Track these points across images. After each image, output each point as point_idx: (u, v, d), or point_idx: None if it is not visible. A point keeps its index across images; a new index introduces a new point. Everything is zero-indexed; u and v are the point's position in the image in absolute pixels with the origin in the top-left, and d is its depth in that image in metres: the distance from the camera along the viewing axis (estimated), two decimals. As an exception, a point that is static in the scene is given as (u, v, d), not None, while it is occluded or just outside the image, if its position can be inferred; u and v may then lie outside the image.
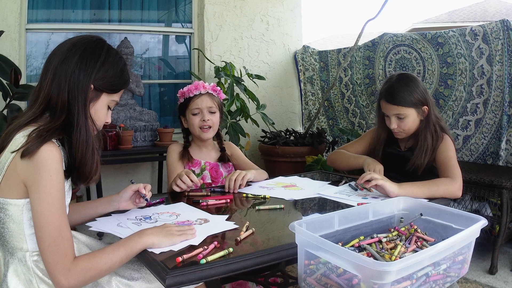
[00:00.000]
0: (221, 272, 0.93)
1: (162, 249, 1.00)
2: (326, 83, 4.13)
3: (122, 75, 1.11)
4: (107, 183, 3.18)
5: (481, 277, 2.31)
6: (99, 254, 0.97)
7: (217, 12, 3.83)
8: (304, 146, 3.44)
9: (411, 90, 1.68)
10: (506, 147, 2.73)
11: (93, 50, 1.06)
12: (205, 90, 1.83)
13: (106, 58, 1.07)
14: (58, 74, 1.02)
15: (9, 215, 0.99)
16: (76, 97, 1.02)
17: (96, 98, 1.08)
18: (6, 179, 0.98)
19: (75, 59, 1.03)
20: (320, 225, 1.05)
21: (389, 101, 1.70)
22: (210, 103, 1.82)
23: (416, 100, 1.68)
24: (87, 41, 1.07)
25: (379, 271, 0.80)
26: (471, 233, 0.99)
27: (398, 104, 1.68)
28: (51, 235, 0.93)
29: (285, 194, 1.56)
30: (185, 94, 1.84)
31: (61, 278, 0.91)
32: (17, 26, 3.15)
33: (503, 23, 2.64)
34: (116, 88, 1.11)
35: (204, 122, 1.80)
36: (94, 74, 1.04)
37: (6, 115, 2.44)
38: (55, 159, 0.95)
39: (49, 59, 1.05)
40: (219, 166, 1.88)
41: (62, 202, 0.97)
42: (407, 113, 1.69)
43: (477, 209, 2.54)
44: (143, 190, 1.28)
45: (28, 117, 1.02)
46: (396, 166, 1.78)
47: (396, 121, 1.71)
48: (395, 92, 1.69)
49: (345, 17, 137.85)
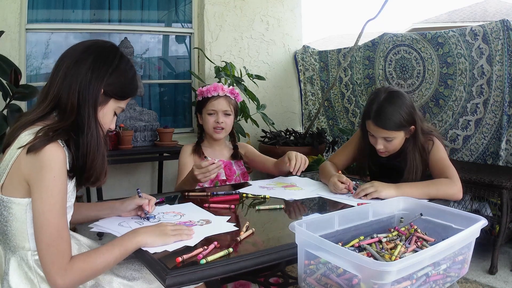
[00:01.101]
0: (221, 272, 0.93)
1: (156, 248, 1.00)
2: (326, 83, 4.13)
3: (132, 83, 1.13)
4: (107, 183, 3.14)
5: (481, 277, 2.31)
6: (94, 254, 0.98)
7: (217, 12, 3.83)
8: (304, 146, 3.44)
9: (400, 110, 1.59)
10: (506, 147, 2.74)
11: (106, 55, 1.07)
12: (223, 92, 1.88)
13: (119, 65, 1.08)
14: (69, 75, 1.03)
15: (13, 213, 0.99)
16: (87, 100, 1.03)
17: (105, 103, 1.09)
18: (10, 177, 0.98)
19: (89, 62, 1.04)
20: (320, 225, 1.05)
21: (377, 124, 1.61)
22: (226, 106, 1.88)
23: (405, 121, 1.60)
24: (101, 46, 1.09)
25: (379, 271, 0.80)
26: (471, 233, 0.99)
27: (388, 128, 1.60)
28: (50, 235, 0.93)
29: (285, 194, 1.56)
30: (203, 94, 1.90)
31: (57, 278, 0.92)
32: (17, 26, 3.14)
33: (503, 23, 2.64)
34: (125, 95, 1.12)
35: (218, 124, 1.87)
36: (106, 79, 1.05)
37: (6, 115, 2.44)
38: (59, 160, 0.95)
39: (61, 59, 1.06)
40: (232, 164, 1.92)
41: (63, 203, 0.97)
42: (396, 136, 1.63)
43: (477, 209, 2.54)
44: (147, 207, 1.27)
45: (36, 114, 1.03)
46: (385, 173, 1.75)
47: (383, 143, 1.65)
48: (384, 115, 1.59)
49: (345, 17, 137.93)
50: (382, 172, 1.79)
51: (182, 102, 4.05)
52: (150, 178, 3.70)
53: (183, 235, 1.06)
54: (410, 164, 1.66)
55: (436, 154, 1.65)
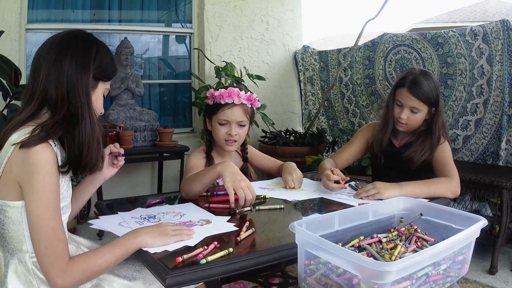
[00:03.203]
0: (221, 272, 0.93)
1: (156, 248, 1.00)
2: (326, 83, 4.13)
3: (113, 63, 1.14)
4: (107, 183, 3.15)
5: (481, 277, 2.31)
6: (94, 255, 0.98)
7: (217, 12, 3.83)
8: (304, 146, 3.44)
9: (432, 86, 1.69)
10: (506, 147, 2.74)
11: (85, 44, 1.07)
12: (239, 100, 1.63)
13: (98, 49, 1.09)
14: (53, 71, 1.02)
15: (9, 216, 0.99)
16: (77, 89, 1.03)
17: (95, 87, 1.09)
18: (3, 180, 0.98)
19: (69, 54, 1.03)
20: (320, 225, 1.05)
21: (411, 91, 1.68)
22: (242, 117, 1.65)
23: (433, 98, 1.69)
24: (73, 35, 1.08)
25: (379, 271, 0.80)
26: (471, 233, 0.99)
27: (419, 97, 1.67)
28: (46, 237, 0.93)
29: (287, 195, 1.56)
30: (215, 98, 1.65)
31: (57, 279, 0.92)
32: (17, 26, 3.14)
33: (503, 23, 2.64)
34: (110, 75, 1.14)
35: (231, 136, 1.64)
36: (92, 64, 1.06)
37: (6, 115, 2.44)
38: (48, 160, 0.95)
39: (38, 58, 1.05)
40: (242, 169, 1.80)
41: (57, 204, 0.97)
42: (422, 109, 1.69)
43: (477, 209, 2.54)
44: (115, 148, 1.29)
45: (25, 114, 1.02)
46: (392, 163, 1.79)
47: (408, 113, 1.71)
48: (420, 85, 1.68)
49: (345, 17, 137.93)
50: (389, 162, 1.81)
51: (182, 102, 4.05)
52: (150, 178, 3.70)
53: (183, 235, 1.06)
54: (420, 143, 1.71)
55: (443, 151, 1.69)
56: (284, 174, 1.69)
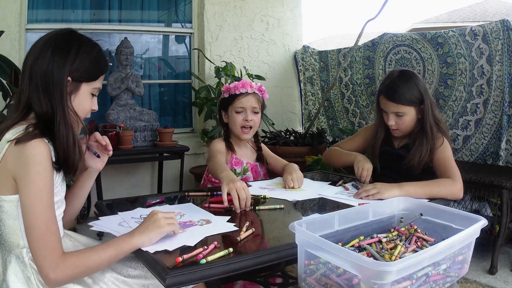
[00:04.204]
0: (221, 272, 0.93)
1: (156, 247, 1.00)
2: (326, 83, 4.13)
3: (98, 62, 1.10)
4: (107, 183, 3.18)
5: (481, 277, 2.31)
6: (88, 251, 0.99)
7: (217, 12, 3.83)
8: (304, 146, 3.44)
9: (411, 87, 1.66)
10: (506, 147, 2.74)
11: (64, 44, 1.05)
12: (252, 89, 1.83)
13: (79, 48, 1.06)
14: (34, 74, 1.02)
15: (5, 211, 1.00)
16: (53, 93, 1.02)
17: (76, 90, 1.08)
18: None
19: (48, 55, 1.02)
20: (320, 225, 1.05)
21: (388, 98, 1.68)
22: (255, 103, 1.83)
23: (415, 98, 1.66)
24: (57, 35, 1.07)
25: (379, 271, 0.80)
26: (471, 233, 0.99)
27: (397, 102, 1.66)
28: (39, 229, 0.94)
29: (287, 195, 1.56)
30: (230, 90, 1.84)
31: (49, 272, 0.92)
32: (17, 26, 3.14)
33: (503, 23, 2.64)
34: (94, 75, 1.10)
35: (247, 122, 1.81)
36: (69, 66, 1.04)
37: (6, 115, 2.44)
38: (43, 154, 0.96)
39: (25, 60, 1.05)
40: (257, 166, 1.91)
41: (50, 197, 0.98)
42: (406, 111, 1.67)
43: (477, 209, 2.54)
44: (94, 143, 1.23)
45: (15, 119, 1.03)
46: (391, 164, 1.78)
47: (394, 119, 1.70)
48: (395, 89, 1.66)
49: (345, 17, 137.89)
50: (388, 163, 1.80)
51: (182, 102, 4.05)
52: (150, 178, 3.70)
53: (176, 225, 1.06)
54: (417, 146, 1.68)
55: (443, 152, 1.66)
56: (284, 174, 1.72)
